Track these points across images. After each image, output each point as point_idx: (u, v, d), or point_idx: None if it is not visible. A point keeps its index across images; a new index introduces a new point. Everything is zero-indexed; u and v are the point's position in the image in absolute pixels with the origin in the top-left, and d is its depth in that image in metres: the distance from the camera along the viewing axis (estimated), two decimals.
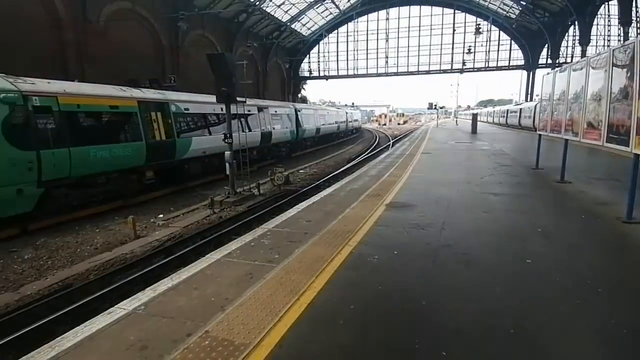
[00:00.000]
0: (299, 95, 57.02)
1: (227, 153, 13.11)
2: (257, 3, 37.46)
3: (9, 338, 5.46)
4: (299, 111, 30.30)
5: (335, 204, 7.98)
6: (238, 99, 13.19)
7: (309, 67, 54.40)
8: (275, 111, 26.12)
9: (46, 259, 8.53)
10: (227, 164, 13.17)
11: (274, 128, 25.12)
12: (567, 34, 41.22)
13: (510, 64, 48.19)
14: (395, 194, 8.75)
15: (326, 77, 53.75)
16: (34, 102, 10.49)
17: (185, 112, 16.49)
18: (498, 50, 48.35)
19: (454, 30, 48.66)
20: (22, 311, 6.20)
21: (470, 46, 46.87)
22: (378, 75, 51.65)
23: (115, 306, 4.01)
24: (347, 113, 49.52)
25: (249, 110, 21.75)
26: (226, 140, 13.05)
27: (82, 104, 11.89)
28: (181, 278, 4.60)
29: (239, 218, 11.22)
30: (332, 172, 19.64)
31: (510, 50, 48.07)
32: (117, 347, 3.29)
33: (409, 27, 50.17)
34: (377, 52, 51.40)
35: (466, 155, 16.53)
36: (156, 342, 3.33)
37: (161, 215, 11.90)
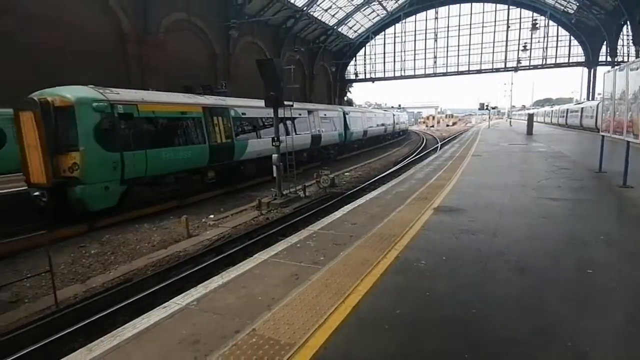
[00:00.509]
0: (345, 98, 57.02)
1: (275, 156, 13.45)
2: (305, 9, 38.02)
3: (77, 326, 5.93)
4: (347, 114, 30.42)
5: (381, 207, 7.89)
6: (285, 102, 13.50)
7: (355, 69, 54.25)
8: (325, 114, 26.42)
9: (110, 254, 9.17)
10: (274, 167, 13.50)
11: (323, 131, 25.38)
12: (622, 33, 38.27)
13: (570, 61, 45.26)
14: (444, 197, 8.52)
15: (372, 80, 53.36)
16: (119, 110, 11.57)
17: (243, 116, 17.27)
18: (557, 47, 45.60)
19: (508, 26, 46.54)
20: (89, 301, 6.71)
21: (525, 43, 44.59)
22: (426, 76, 50.48)
23: (170, 301, 4.24)
24: (394, 115, 48.94)
25: (299, 114, 22.25)
26: (274, 143, 13.38)
27: (157, 111, 12.95)
28: (230, 277, 4.77)
29: (286, 220, 11.42)
30: (378, 174, 19.43)
31: (570, 46, 45.15)
32: (171, 340, 3.48)
33: (459, 25, 48.65)
34: (425, 53, 50.28)
35: (521, 157, 15.75)
36: (207, 337, 3.49)
37: (212, 216, 12.38)
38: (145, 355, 3.30)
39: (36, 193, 10.61)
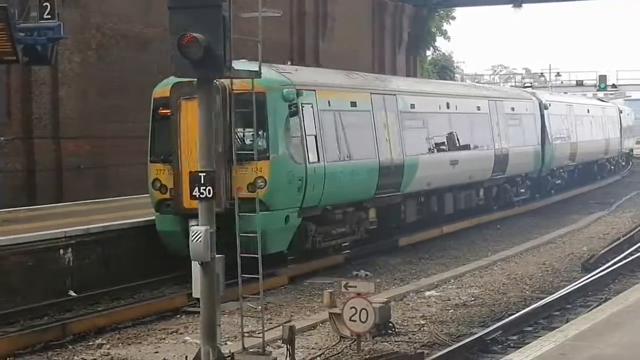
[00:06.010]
0: (427, 55, 24.74)
1: (194, 228, 4.19)
2: None
3: None
4: (546, 108, 17.36)
5: None
6: (237, 65, 4.51)
7: None
8: (512, 108, 16.16)
9: None
10: (193, 266, 4.40)
11: (510, 145, 15.34)
12: None
13: None
14: None
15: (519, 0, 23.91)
16: (303, 99, 9.23)
17: (412, 110, 12.42)
18: None
19: None
20: None
21: None
22: None
23: None
24: (620, 114, 26.91)
25: (477, 108, 14.61)
26: (199, 193, 4.11)
27: (332, 99, 10.24)
28: None
29: None
30: (531, 299, 8.03)
31: None
32: None
33: None
34: None
35: None
36: None
37: None
38: None
39: (193, 223, 6.21)
